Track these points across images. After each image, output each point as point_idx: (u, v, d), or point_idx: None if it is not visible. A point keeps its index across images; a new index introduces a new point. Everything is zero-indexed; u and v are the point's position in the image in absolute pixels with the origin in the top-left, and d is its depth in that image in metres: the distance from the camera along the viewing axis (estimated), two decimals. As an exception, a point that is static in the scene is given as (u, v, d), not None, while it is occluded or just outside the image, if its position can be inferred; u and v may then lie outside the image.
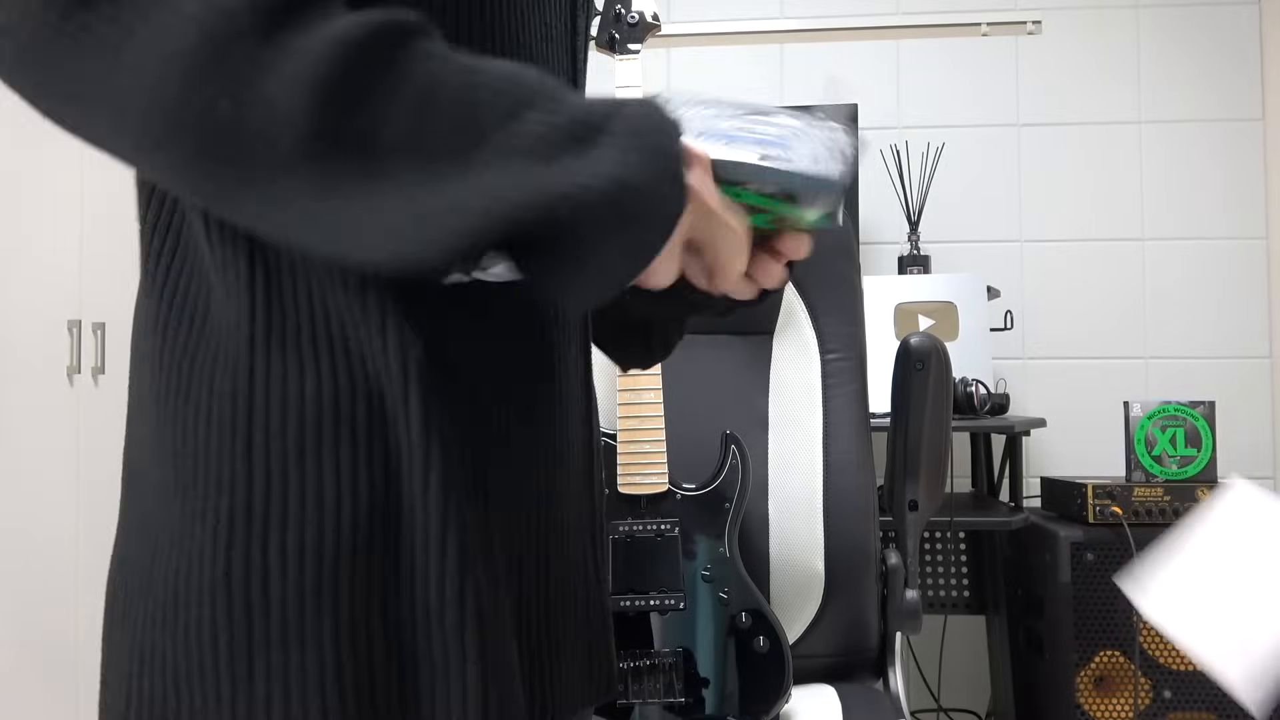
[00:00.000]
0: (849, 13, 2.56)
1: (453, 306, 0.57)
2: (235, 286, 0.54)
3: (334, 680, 0.51)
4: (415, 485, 0.54)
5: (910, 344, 1.40)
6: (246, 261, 0.54)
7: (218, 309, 0.55)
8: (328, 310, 0.54)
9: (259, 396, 0.53)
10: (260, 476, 0.52)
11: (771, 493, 1.45)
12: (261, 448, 0.53)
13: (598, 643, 0.70)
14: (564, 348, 0.66)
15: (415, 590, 0.54)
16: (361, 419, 0.53)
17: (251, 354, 0.53)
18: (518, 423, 0.61)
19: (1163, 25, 2.50)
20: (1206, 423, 1.99)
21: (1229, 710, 1.90)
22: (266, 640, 0.51)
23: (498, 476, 0.59)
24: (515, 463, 0.61)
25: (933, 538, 2.33)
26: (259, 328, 0.53)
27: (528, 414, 0.62)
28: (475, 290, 0.58)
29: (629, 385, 1.37)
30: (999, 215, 2.52)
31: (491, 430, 0.59)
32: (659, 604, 1.31)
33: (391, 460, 0.54)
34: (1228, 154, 2.47)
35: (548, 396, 0.64)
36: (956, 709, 2.48)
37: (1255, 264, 2.46)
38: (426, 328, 0.56)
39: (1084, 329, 2.49)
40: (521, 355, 0.61)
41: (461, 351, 0.57)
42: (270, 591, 0.51)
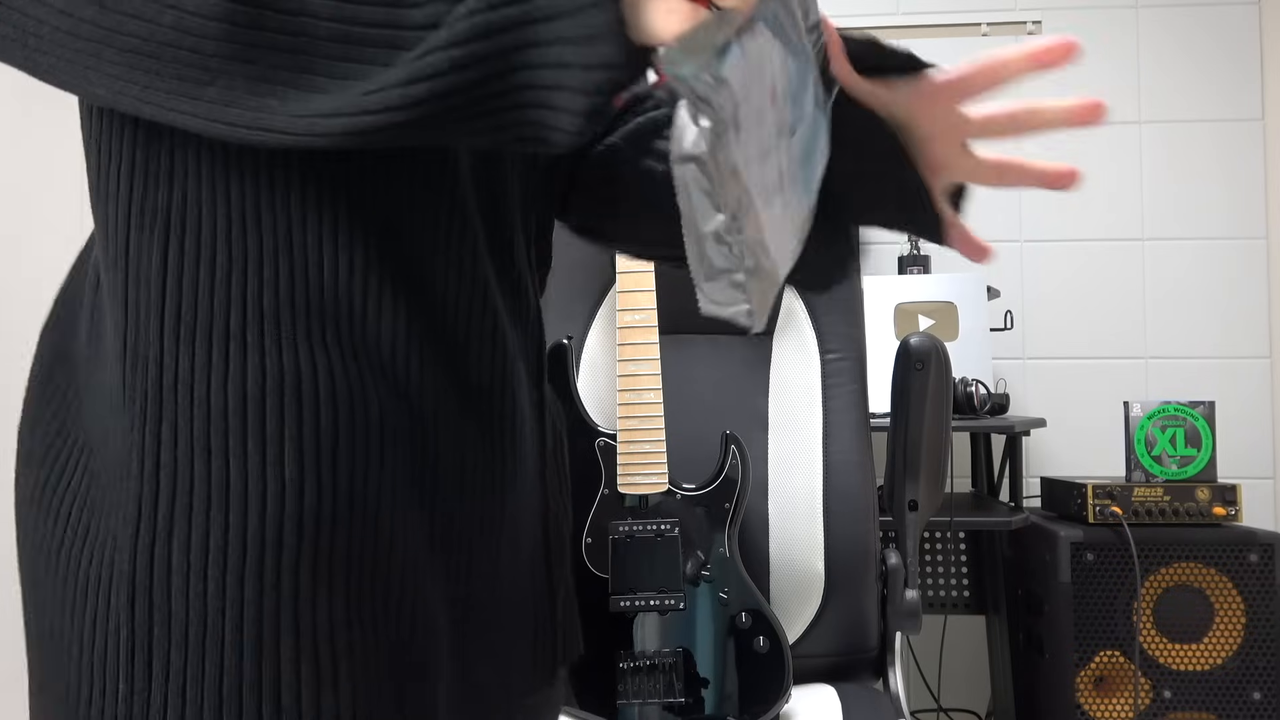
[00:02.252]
0: (849, 13, 2.56)
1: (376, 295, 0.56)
2: (148, 279, 0.54)
3: (233, 684, 0.51)
4: (326, 481, 0.53)
5: (910, 344, 1.40)
6: (160, 254, 0.54)
7: (131, 300, 0.54)
8: (244, 303, 0.53)
9: (168, 392, 0.53)
10: (168, 473, 0.52)
11: (771, 493, 1.45)
12: (170, 445, 0.52)
13: (542, 632, 0.69)
14: (500, 341, 0.64)
15: (332, 594, 0.53)
16: (273, 416, 0.53)
17: (161, 349, 0.53)
18: (457, 416, 0.60)
19: (1163, 25, 2.50)
20: (1206, 423, 1.99)
21: (1229, 710, 1.90)
22: (168, 639, 0.51)
23: (435, 471, 0.58)
24: (456, 456, 0.60)
25: (933, 538, 2.33)
26: (168, 322, 0.53)
27: (466, 405, 0.61)
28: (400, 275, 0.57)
29: (629, 385, 1.37)
30: (999, 215, 2.52)
31: (426, 425, 0.58)
32: (659, 604, 1.31)
33: (306, 459, 0.53)
34: (1228, 154, 2.47)
35: (490, 392, 0.62)
36: (956, 709, 2.48)
37: (1255, 264, 2.46)
38: (348, 320, 0.55)
39: (1084, 329, 2.49)
40: (457, 349, 0.60)
41: (387, 343, 0.56)
42: (173, 590, 0.51)
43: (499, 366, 0.63)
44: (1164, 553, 1.93)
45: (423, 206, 0.58)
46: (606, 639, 1.31)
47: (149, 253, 0.54)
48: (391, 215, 0.57)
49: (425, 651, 0.58)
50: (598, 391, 1.51)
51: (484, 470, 0.62)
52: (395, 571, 0.56)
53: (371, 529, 0.55)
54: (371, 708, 0.54)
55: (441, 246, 0.59)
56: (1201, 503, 1.94)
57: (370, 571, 0.55)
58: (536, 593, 0.68)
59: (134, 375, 0.53)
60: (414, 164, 0.58)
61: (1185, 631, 1.92)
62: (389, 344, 0.56)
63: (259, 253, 0.54)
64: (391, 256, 0.56)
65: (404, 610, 0.57)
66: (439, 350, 0.59)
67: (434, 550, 0.59)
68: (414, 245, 0.57)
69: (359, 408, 0.55)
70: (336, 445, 0.54)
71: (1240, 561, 1.91)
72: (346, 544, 0.54)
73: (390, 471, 0.56)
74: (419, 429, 0.57)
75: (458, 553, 0.61)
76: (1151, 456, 2.00)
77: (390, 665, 0.56)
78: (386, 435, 0.55)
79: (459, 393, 0.60)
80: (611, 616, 1.31)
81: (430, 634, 0.58)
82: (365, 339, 0.56)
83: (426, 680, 0.58)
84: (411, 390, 0.57)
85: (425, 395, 0.58)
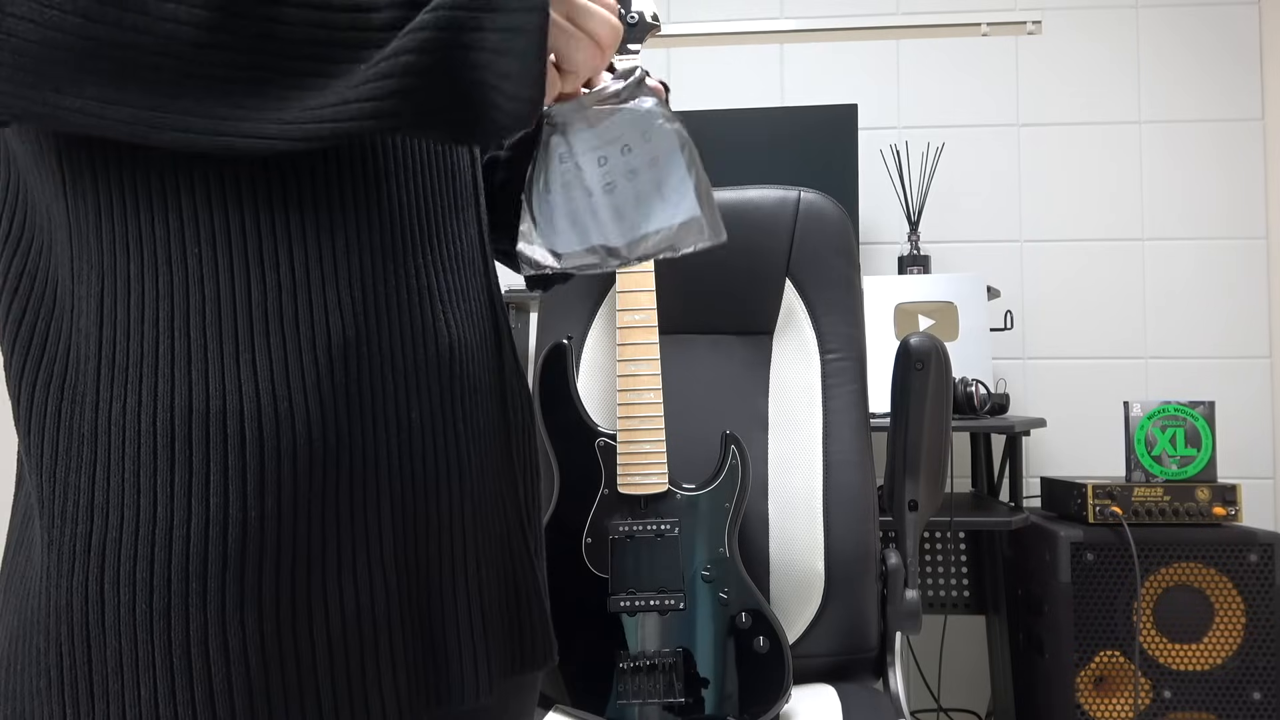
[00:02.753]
0: (849, 13, 2.56)
1: (306, 310, 0.57)
2: (86, 325, 0.55)
3: (168, 707, 0.53)
4: (253, 510, 0.54)
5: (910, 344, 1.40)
6: (98, 301, 0.55)
7: (73, 349, 0.56)
8: (172, 337, 0.55)
9: (102, 433, 0.54)
10: (100, 511, 0.54)
11: (771, 493, 1.45)
12: (103, 484, 0.54)
13: (525, 614, 0.69)
14: (456, 332, 0.65)
15: (261, 612, 0.54)
16: (199, 449, 0.54)
17: (97, 385, 0.55)
18: (416, 412, 0.61)
19: (1163, 25, 2.50)
20: (1206, 423, 1.99)
21: (1229, 710, 1.90)
22: (105, 668, 0.53)
23: (375, 474, 0.59)
24: (399, 454, 0.60)
25: (933, 538, 2.33)
26: (104, 359, 0.55)
27: (423, 402, 0.62)
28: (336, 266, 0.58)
29: (629, 385, 1.37)
30: (999, 215, 2.52)
31: (365, 430, 0.59)
32: (659, 604, 1.31)
33: (232, 488, 0.54)
34: (1228, 154, 2.47)
35: (444, 382, 0.63)
36: (956, 709, 2.48)
37: (1255, 264, 2.46)
38: (280, 338, 0.56)
39: (1084, 329, 2.49)
40: (400, 344, 0.61)
41: (322, 353, 0.57)
42: (106, 620, 0.53)
43: (444, 351, 0.63)
44: (1164, 553, 1.93)
45: (351, 215, 0.59)
46: (606, 639, 1.31)
47: (86, 305, 0.55)
48: (315, 228, 0.58)
49: (368, 649, 0.58)
50: (598, 391, 1.51)
51: (431, 463, 0.62)
52: (332, 578, 0.57)
53: (304, 546, 0.56)
54: (309, 713, 0.56)
55: (370, 247, 0.60)
56: (1201, 503, 1.94)
57: (304, 585, 0.56)
58: (505, 586, 0.68)
59: (72, 418, 0.55)
60: (339, 171, 0.59)
61: (1185, 631, 1.92)
62: (324, 354, 0.57)
63: (185, 289, 0.55)
64: (317, 269, 0.57)
65: (347, 611, 0.57)
66: (373, 349, 0.59)
67: (380, 547, 0.59)
68: (340, 253, 0.58)
69: (285, 426, 0.56)
70: (263, 471, 0.55)
71: (1240, 561, 1.91)
72: (275, 561, 0.55)
73: (321, 487, 0.56)
74: (355, 428, 0.58)
75: (408, 546, 0.61)
76: (1151, 456, 2.00)
77: (331, 669, 0.56)
78: (316, 445, 0.56)
79: (402, 383, 0.60)
80: (611, 616, 1.31)
81: (383, 629, 0.59)
82: (299, 352, 0.56)
83: (379, 671, 0.58)
84: (349, 391, 0.58)
85: (362, 399, 0.58)
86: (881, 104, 2.55)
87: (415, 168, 0.64)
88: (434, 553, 0.62)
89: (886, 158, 2.53)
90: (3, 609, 0.58)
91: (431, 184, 0.65)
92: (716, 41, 2.60)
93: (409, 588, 0.61)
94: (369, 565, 0.58)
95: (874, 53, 2.56)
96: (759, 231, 1.52)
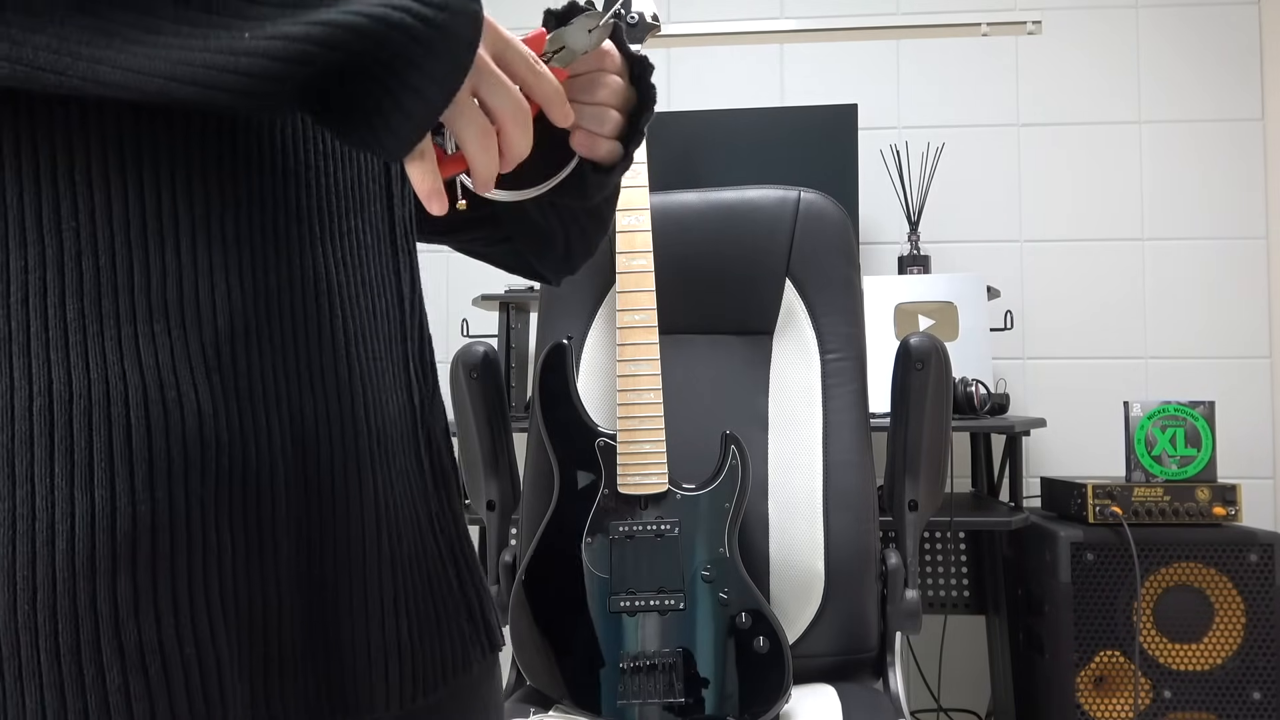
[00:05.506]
0: (849, 13, 2.56)
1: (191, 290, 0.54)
2: None
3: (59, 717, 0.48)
4: (143, 503, 0.50)
5: (910, 344, 1.40)
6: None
7: None
8: (44, 313, 0.50)
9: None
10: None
11: (771, 493, 1.45)
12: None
13: (445, 623, 0.66)
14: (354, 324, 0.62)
15: (158, 609, 0.50)
16: (81, 435, 0.50)
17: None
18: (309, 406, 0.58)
19: (1163, 25, 2.50)
20: (1206, 423, 1.99)
21: (1229, 710, 1.90)
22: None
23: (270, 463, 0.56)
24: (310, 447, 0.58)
25: (933, 538, 2.33)
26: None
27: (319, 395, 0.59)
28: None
29: (629, 385, 1.37)
30: (999, 215, 2.52)
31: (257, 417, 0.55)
32: (659, 604, 1.31)
33: (119, 477, 0.50)
34: (1228, 154, 2.47)
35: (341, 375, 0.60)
36: (956, 709, 2.48)
37: (1255, 264, 2.46)
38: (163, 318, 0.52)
39: (1084, 329, 2.49)
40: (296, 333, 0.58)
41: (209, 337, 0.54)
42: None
43: (340, 346, 0.60)
44: (1164, 553, 1.93)
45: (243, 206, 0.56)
46: (606, 639, 1.31)
47: None
48: (205, 215, 0.54)
49: (272, 655, 0.55)
50: (598, 391, 1.51)
51: (327, 463, 0.59)
52: (229, 575, 0.54)
53: (199, 537, 0.52)
54: (218, 715, 0.52)
55: (261, 238, 0.57)
56: (1201, 503, 1.94)
57: (200, 585, 0.52)
58: (419, 593, 0.65)
59: None
60: (230, 157, 0.56)
61: (1185, 631, 1.92)
62: (211, 345, 0.54)
63: (60, 265, 0.51)
64: (205, 256, 0.54)
65: (243, 613, 0.54)
66: (264, 343, 0.56)
67: (276, 549, 0.56)
68: (229, 241, 0.55)
69: (173, 416, 0.52)
70: (151, 459, 0.51)
71: (1240, 561, 1.91)
72: (170, 558, 0.51)
73: (214, 483, 0.53)
74: (247, 422, 0.55)
75: (311, 548, 0.58)
76: (1151, 456, 2.00)
77: (233, 671, 0.53)
78: (209, 435, 0.53)
79: (294, 377, 0.58)
80: (611, 616, 1.31)
81: (278, 632, 0.56)
82: (185, 339, 0.53)
83: (282, 676, 0.56)
84: (239, 384, 0.55)
85: (253, 394, 0.55)
86: (881, 104, 2.55)
87: (312, 159, 0.61)
88: (340, 556, 0.60)
89: (886, 158, 2.53)
90: None
91: (331, 177, 0.62)
92: (716, 41, 2.60)
93: (310, 590, 0.58)
94: (263, 569, 0.55)
95: (874, 53, 2.56)
96: (759, 231, 1.52)
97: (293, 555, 0.57)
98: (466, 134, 0.55)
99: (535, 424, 1.43)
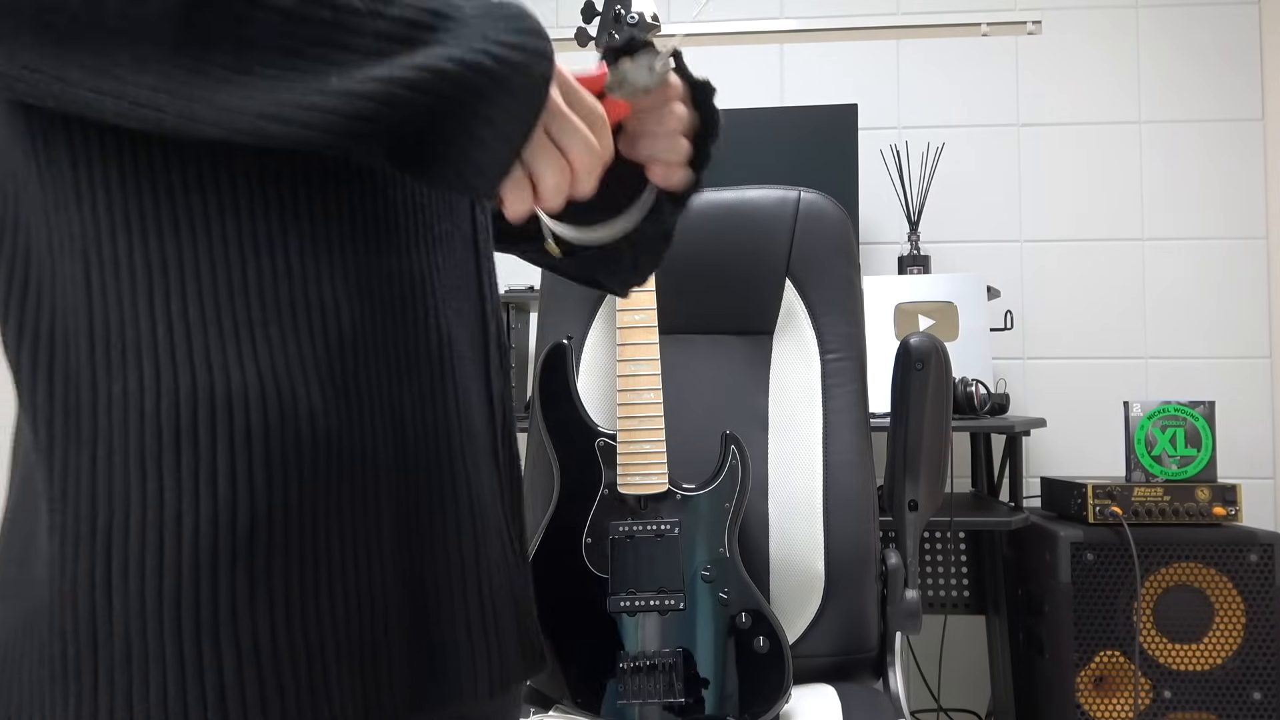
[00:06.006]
0: (849, 13, 2.56)
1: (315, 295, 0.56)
2: (72, 302, 0.54)
3: (178, 698, 0.51)
4: (261, 499, 0.53)
5: (910, 344, 1.40)
6: (83, 276, 0.54)
7: (60, 325, 0.54)
8: (169, 318, 0.53)
9: (102, 413, 0.53)
10: (104, 493, 0.52)
11: (771, 493, 1.45)
12: (106, 467, 0.52)
13: (524, 618, 0.69)
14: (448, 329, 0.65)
15: (271, 602, 0.53)
16: (205, 434, 0.53)
17: (92, 364, 0.53)
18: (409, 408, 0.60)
19: (1163, 25, 2.50)
20: (1206, 423, 1.99)
21: (1229, 710, 1.90)
22: (112, 659, 0.51)
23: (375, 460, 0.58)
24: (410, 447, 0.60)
25: (933, 538, 2.33)
26: (97, 338, 0.53)
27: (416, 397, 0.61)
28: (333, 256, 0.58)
29: (629, 385, 1.37)
30: (999, 215, 2.52)
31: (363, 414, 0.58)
32: (659, 604, 1.31)
33: (239, 476, 0.53)
34: (1228, 154, 2.47)
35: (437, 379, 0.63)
36: (956, 709, 2.48)
37: (1255, 264, 2.46)
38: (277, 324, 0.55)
39: (1084, 329, 2.49)
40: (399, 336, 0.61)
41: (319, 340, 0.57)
42: (113, 609, 0.51)
43: (435, 346, 0.63)
44: (1164, 553, 1.93)
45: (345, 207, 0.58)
46: (606, 639, 1.31)
47: (71, 280, 0.54)
48: (309, 217, 0.57)
49: (369, 647, 0.57)
50: (598, 391, 1.51)
51: (425, 461, 0.61)
52: (337, 569, 0.56)
53: (309, 534, 0.55)
54: (325, 708, 0.54)
55: (364, 238, 0.59)
56: (1201, 503, 1.94)
57: (310, 579, 0.55)
58: (504, 589, 0.67)
59: (67, 396, 0.53)
60: (329, 162, 0.58)
61: (1185, 631, 1.92)
62: (321, 342, 0.56)
63: (180, 271, 0.54)
64: (312, 258, 0.57)
65: (350, 606, 0.56)
66: (369, 342, 0.59)
67: (380, 545, 0.58)
68: (334, 242, 0.58)
69: (289, 415, 0.54)
70: (268, 458, 0.53)
71: (1240, 561, 1.91)
72: (284, 553, 0.54)
73: (325, 482, 0.55)
74: (354, 421, 0.57)
75: (410, 545, 0.60)
76: (1151, 456, 2.00)
77: (339, 663, 0.56)
78: (320, 434, 0.55)
79: (395, 376, 0.60)
80: (611, 616, 1.31)
81: (383, 624, 0.58)
82: (299, 343, 0.55)
83: (381, 665, 0.58)
84: (347, 383, 0.57)
85: (360, 394, 0.58)
86: (881, 104, 2.55)
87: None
88: (437, 550, 0.62)
89: (886, 158, 2.53)
90: (1, 598, 0.57)
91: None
92: (716, 41, 2.60)
93: (410, 585, 0.60)
94: (369, 563, 0.57)
95: (874, 53, 2.56)
96: (759, 231, 1.52)
97: (394, 550, 0.59)
98: (542, 169, 0.56)
99: (535, 424, 1.43)
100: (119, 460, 0.52)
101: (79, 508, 0.52)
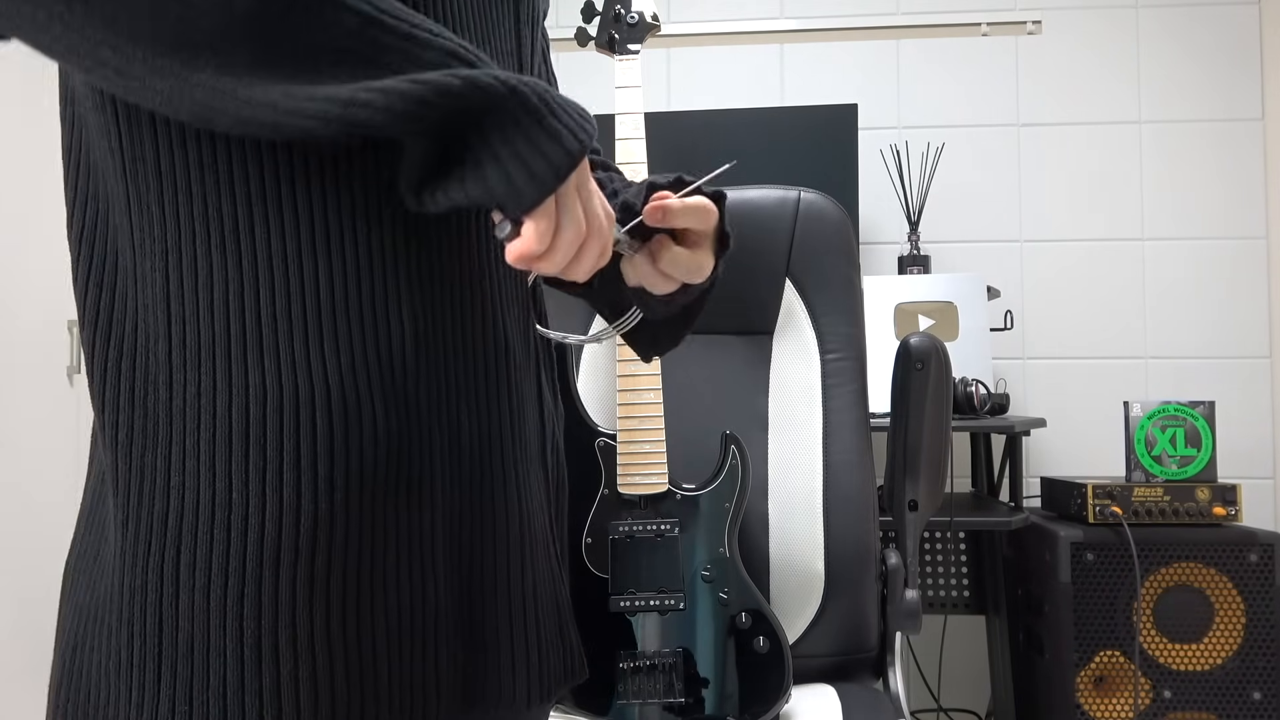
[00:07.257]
0: (849, 13, 2.56)
1: (382, 302, 0.57)
2: (152, 301, 0.55)
3: (236, 692, 0.53)
4: (323, 502, 0.54)
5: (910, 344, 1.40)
6: (163, 276, 0.55)
7: (141, 325, 0.56)
8: (244, 323, 0.54)
9: (176, 414, 0.54)
10: (177, 493, 0.54)
11: (771, 493, 1.45)
12: (179, 465, 0.54)
13: (566, 627, 0.70)
14: (506, 337, 0.65)
15: (329, 604, 0.54)
16: (273, 438, 0.54)
17: (169, 365, 0.54)
18: (466, 416, 0.61)
19: (1163, 25, 2.50)
20: (1206, 423, 1.99)
21: (1229, 710, 1.90)
22: (175, 651, 0.53)
23: (431, 465, 0.59)
24: (465, 455, 0.61)
25: (933, 538, 2.33)
26: (174, 339, 0.54)
27: (473, 405, 0.62)
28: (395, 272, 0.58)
29: (629, 385, 1.37)
30: (999, 215, 2.52)
31: (423, 420, 0.59)
32: (659, 604, 1.31)
33: (304, 480, 0.54)
34: (1228, 154, 2.47)
35: (494, 387, 0.63)
36: (956, 709, 2.48)
37: (1255, 264, 2.46)
38: (346, 332, 0.56)
39: (1084, 329, 2.49)
40: (460, 343, 0.61)
41: (384, 346, 0.57)
42: (180, 604, 0.53)
43: (494, 352, 0.63)
44: (1164, 553, 1.93)
45: (415, 214, 0.59)
46: (606, 639, 1.31)
47: (151, 280, 0.55)
48: (378, 215, 0.57)
49: (419, 652, 0.58)
50: (598, 391, 1.51)
51: (479, 469, 0.62)
52: (391, 573, 0.57)
53: (367, 545, 0.56)
54: (372, 708, 0.55)
55: (434, 237, 0.60)
56: (1201, 503, 1.94)
57: (367, 583, 0.56)
58: (550, 599, 0.68)
59: (146, 396, 0.55)
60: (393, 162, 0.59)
61: (1185, 631, 1.92)
62: (385, 347, 0.57)
63: (254, 272, 0.55)
64: (380, 255, 0.57)
65: (403, 611, 0.57)
66: (436, 340, 0.59)
67: (433, 551, 0.59)
68: (400, 241, 0.58)
69: (353, 420, 0.55)
70: (332, 463, 0.55)
71: (1240, 561, 1.91)
72: (343, 557, 0.55)
73: (383, 486, 0.57)
74: (412, 427, 0.58)
75: (461, 553, 0.61)
76: (1151, 456, 2.00)
77: (389, 667, 0.57)
78: (381, 440, 0.56)
79: (451, 388, 0.61)
80: (611, 616, 1.31)
81: (433, 631, 0.59)
82: (364, 347, 0.56)
83: (425, 678, 0.58)
84: (409, 388, 0.58)
85: (420, 400, 0.58)
86: (881, 104, 2.55)
87: None
88: (487, 557, 0.62)
89: (886, 158, 2.53)
90: (74, 587, 0.58)
91: None
92: (716, 41, 2.60)
93: (459, 594, 0.61)
94: (423, 570, 0.58)
95: (874, 53, 2.56)
96: (759, 231, 1.52)
97: (446, 558, 0.60)
98: (566, 220, 0.56)
99: (535, 424, 1.43)
100: (190, 459, 0.54)
101: (152, 503, 0.54)
